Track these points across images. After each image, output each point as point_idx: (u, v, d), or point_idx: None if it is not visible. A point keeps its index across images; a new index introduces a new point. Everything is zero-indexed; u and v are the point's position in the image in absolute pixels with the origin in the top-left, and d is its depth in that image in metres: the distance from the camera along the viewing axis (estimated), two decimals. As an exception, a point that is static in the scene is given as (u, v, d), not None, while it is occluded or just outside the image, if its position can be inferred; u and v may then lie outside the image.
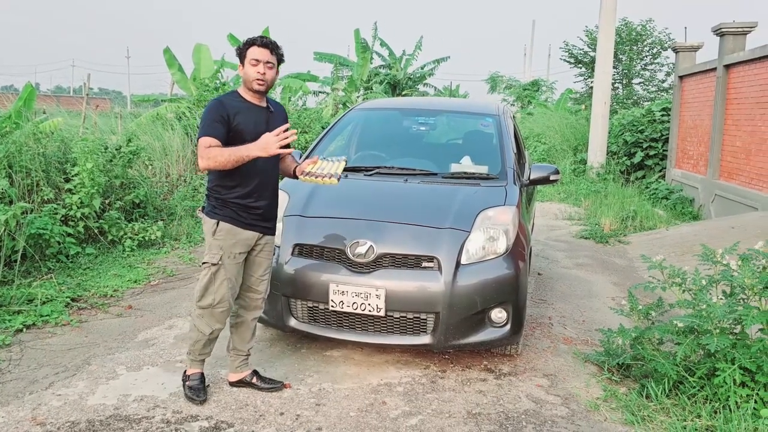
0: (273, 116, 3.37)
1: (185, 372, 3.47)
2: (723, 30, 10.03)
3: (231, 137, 3.15)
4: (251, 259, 3.40)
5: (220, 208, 3.25)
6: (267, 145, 3.06)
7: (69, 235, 5.93)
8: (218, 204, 3.25)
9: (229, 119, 3.15)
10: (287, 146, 3.15)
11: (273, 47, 3.24)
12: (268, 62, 3.22)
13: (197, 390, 3.39)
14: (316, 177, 3.33)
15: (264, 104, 3.34)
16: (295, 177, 3.50)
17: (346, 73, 22.73)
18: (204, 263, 3.28)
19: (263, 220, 3.36)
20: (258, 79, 3.21)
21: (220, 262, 3.24)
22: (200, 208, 3.41)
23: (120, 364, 3.89)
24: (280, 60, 3.30)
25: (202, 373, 3.47)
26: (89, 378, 3.68)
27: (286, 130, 3.12)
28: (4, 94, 11.95)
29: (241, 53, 3.25)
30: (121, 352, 4.07)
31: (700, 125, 11.16)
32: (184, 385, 3.44)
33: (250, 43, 3.24)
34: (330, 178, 3.31)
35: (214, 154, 3.07)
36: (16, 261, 5.17)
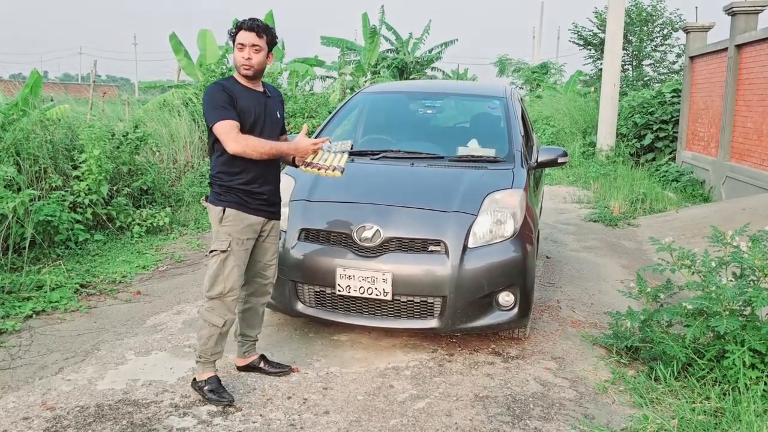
0: (270, 101, 3.32)
1: (195, 380, 3.30)
2: (735, 9, 9.87)
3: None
4: (259, 245, 3.37)
5: (224, 194, 3.21)
6: (304, 148, 3.24)
7: (77, 221, 5.95)
8: (222, 191, 3.21)
9: (235, 102, 3.12)
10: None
11: (261, 30, 3.15)
12: (254, 45, 3.14)
13: (219, 391, 3.22)
14: (319, 169, 3.27)
15: (260, 89, 3.29)
16: (294, 165, 3.44)
17: (354, 58, 22.62)
18: (212, 251, 3.22)
19: (268, 205, 3.33)
20: (243, 64, 3.15)
21: (229, 249, 3.18)
22: (204, 197, 3.36)
23: (129, 349, 3.91)
24: (271, 43, 3.22)
25: (217, 376, 3.30)
26: (98, 363, 3.70)
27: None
28: (12, 82, 11.97)
29: (232, 37, 3.20)
30: (130, 338, 4.10)
31: (711, 106, 11.03)
32: (201, 392, 3.24)
33: (239, 26, 3.16)
34: (334, 170, 3.25)
35: (253, 143, 3.09)
36: (24, 248, 5.19)
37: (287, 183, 4.16)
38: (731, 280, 3.49)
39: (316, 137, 4.83)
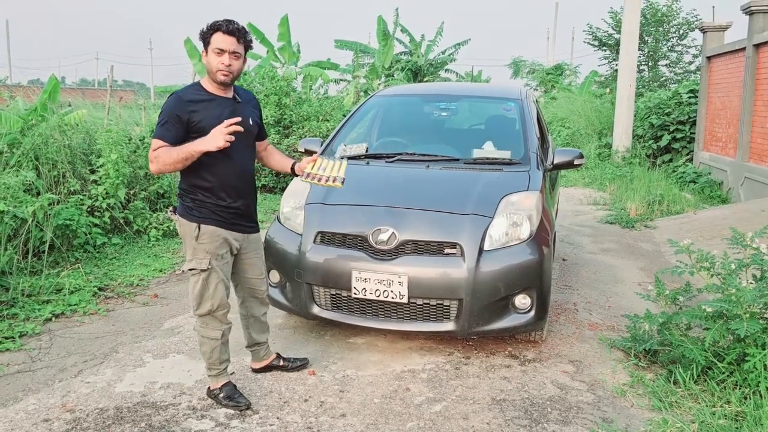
0: (240, 107, 3.11)
1: (209, 388, 3.29)
2: (752, 8, 9.76)
3: (193, 137, 2.93)
4: (243, 261, 3.29)
5: (197, 209, 3.05)
6: (214, 137, 2.85)
7: (95, 225, 6.02)
8: (195, 205, 3.05)
9: (187, 119, 2.93)
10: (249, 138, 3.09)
11: (240, 35, 2.97)
12: (234, 52, 2.96)
13: (234, 397, 3.21)
14: (318, 180, 3.22)
15: (230, 95, 3.09)
16: (294, 174, 3.38)
17: (368, 61, 22.66)
18: (191, 270, 3.08)
19: (244, 219, 3.21)
20: (222, 71, 2.95)
21: (209, 267, 3.06)
22: (171, 209, 3.20)
23: (146, 351, 3.94)
24: (247, 47, 3.07)
25: (231, 383, 3.29)
26: (117, 366, 3.73)
27: (239, 123, 2.92)
28: (31, 87, 12.12)
29: (205, 39, 2.97)
30: (148, 340, 4.13)
31: (728, 107, 10.91)
32: (217, 399, 3.23)
33: (215, 28, 2.95)
34: (334, 181, 3.21)
35: (162, 157, 2.87)
36: (44, 251, 5.25)
37: (303, 186, 4.18)
38: (751, 283, 3.45)
39: (331, 141, 4.86)
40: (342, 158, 3.37)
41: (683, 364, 3.50)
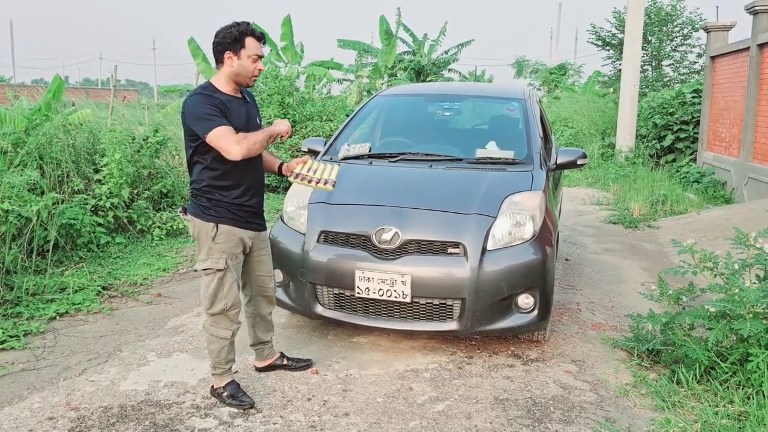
0: (250, 106, 3.21)
1: (213, 387, 3.30)
2: (757, 8, 9.74)
3: None
4: (253, 259, 3.32)
5: (215, 208, 3.08)
6: (284, 122, 3.15)
7: (99, 224, 6.03)
8: (212, 205, 3.08)
9: (221, 111, 2.98)
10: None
11: (263, 38, 3.11)
12: (262, 56, 3.11)
13: (238, 396, 3.23)
14: (309, 181, 3.20)
15: (239, 95, 3.16)
16: (280, 174, 3.39)
17: (371, 60, 22.67)
18: (206, 269, 3.12)
19: (256, 217, 3.26)
20: (255, 76, 3.09)
21: (225, 267, 3.10)
22: (181, 210, 3.22)
23: (150, 350, 3.96)
24: None
25: (235, 381, 3.31)
26: (121, 364, 3.74)
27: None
28: (35, 87, 12.15)
29: (236, 41, 3.01)
30: (152, 339, 4.14)
31: (732, 106, 10.89)
32: (221, 398, 3.24)
33: (247, 32, 3.02)
34: (325, 183, 3.20)
35: (251, 138, 2.93)
36: (48, 251, 5.27)
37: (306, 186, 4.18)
38: (755, 283, 3.45)
39: (334, 140, 4.87)
40: (336, 162, 3.35)
41: (686, 364, 3.50)
